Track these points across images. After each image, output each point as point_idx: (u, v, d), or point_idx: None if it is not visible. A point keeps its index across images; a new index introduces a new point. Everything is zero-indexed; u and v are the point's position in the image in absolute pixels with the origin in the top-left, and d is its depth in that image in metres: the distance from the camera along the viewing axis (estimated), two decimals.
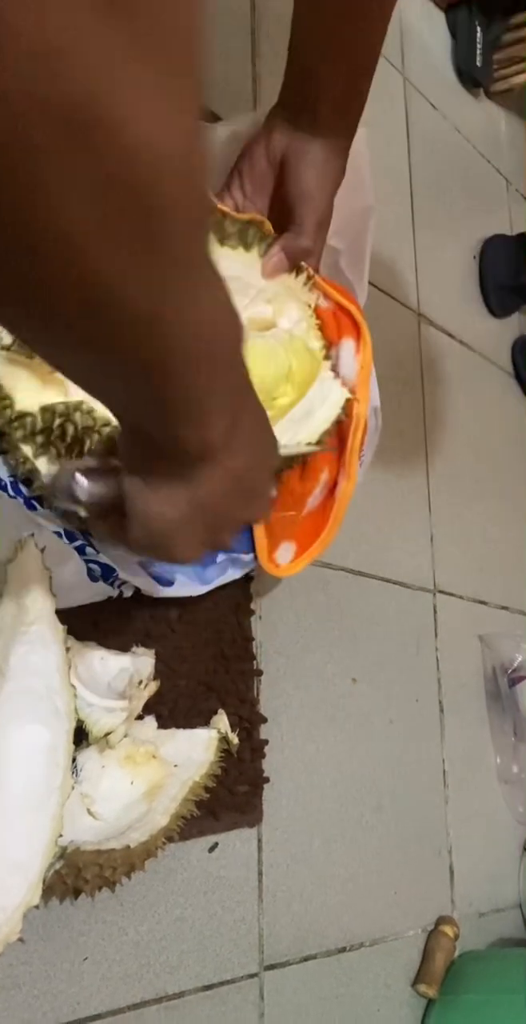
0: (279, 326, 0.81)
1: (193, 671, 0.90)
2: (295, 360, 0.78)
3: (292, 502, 0.88)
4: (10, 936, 0.60)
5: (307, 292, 0.84)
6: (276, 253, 0.81)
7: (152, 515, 0.49)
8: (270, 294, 0.81)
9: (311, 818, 1.04)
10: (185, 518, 0.50)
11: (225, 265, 0.73)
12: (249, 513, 0.56)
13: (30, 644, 0.67)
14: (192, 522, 0.50)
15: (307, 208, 0.81)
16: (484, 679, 1.41)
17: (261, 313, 0.81)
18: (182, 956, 0.86)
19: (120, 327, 0.34)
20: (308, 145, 0.81)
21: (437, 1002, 1.12)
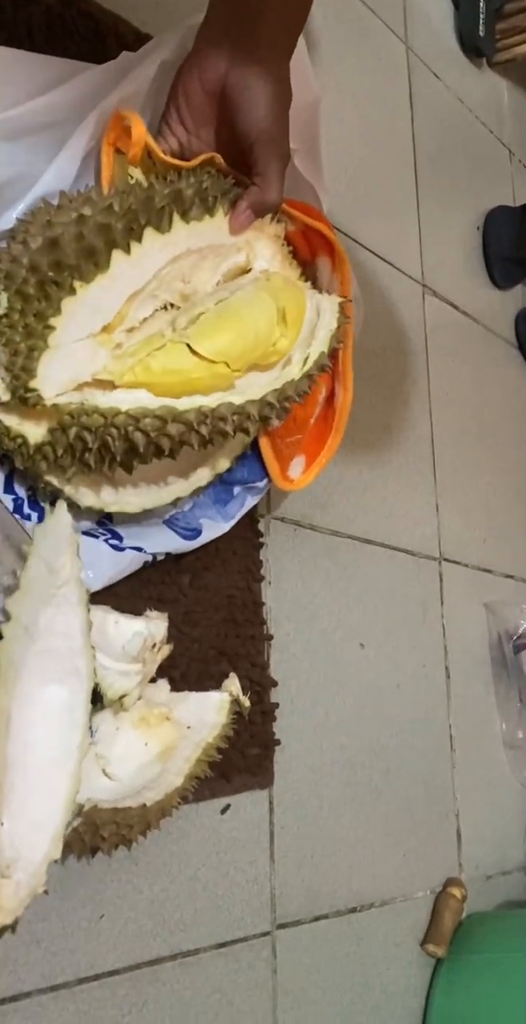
0: (255, 268, 0.79)
1: (205, 635, 0.92)
2: (282, 298, 0.77)
3: (296, 427, 0.90)
4: (37, 888, 0.62)
5: (275, 224, 0.82)
6: (243, 211, 0.76)
7: None
8: (241, 240, 0.78)
9: (321, 781, 1.05)
10: None
11: (193, 242, 0.72)
12: None
13: (58, 606, 0.68)
14: None
15: (267, 152, 0.74)
16: (489, 646, 1.42)
17: (235, 262, 0.78)
18: (196, 915, 0.87)
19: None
20: (250, 70, 0.72)
21: (445, 961, 1.14)
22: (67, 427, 0.65)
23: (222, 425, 0.68)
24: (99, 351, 0.68)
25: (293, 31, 0.75)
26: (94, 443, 0.65)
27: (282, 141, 0.75)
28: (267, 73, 0.72)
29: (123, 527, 0.78)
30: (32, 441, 0.66)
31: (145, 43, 0.96)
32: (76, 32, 0.93)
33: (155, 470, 0.75)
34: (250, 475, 0.86)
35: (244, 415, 0.69)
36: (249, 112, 0.73)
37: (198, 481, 0.79)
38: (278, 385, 0.71)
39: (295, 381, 0.73)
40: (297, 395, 0.73)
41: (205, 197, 0.74)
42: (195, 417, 0.66)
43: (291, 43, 0.75)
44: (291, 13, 0.73)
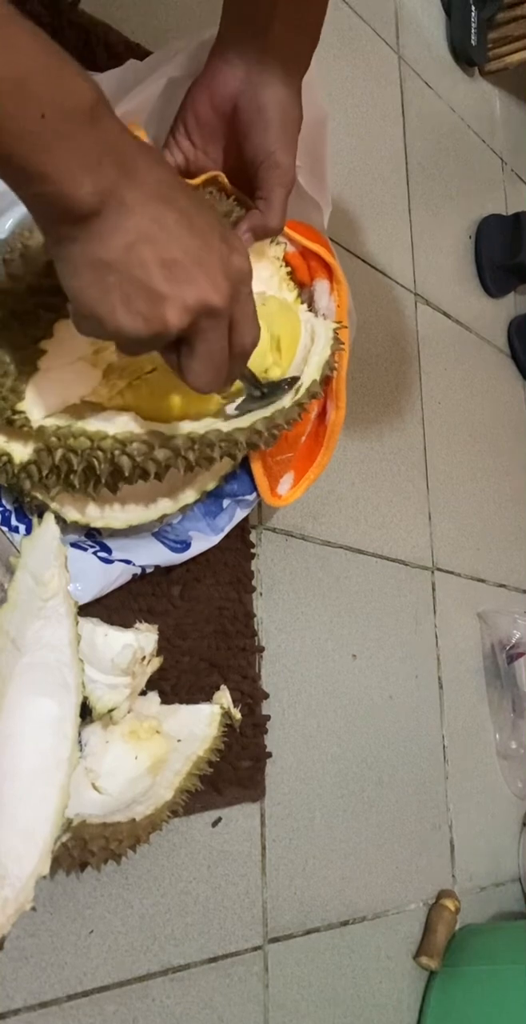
0: None
1: (195, 647, 0.91)
2: (276, 325, 0.76)
3: (287, 446, 0.89)
4: (24, 904, 0.61)
5: (275, 247, 0.82)
6: (242, 233, 0.75)
7: (68, 282, 0.52)
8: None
9: (313, 793, 1.05)
10: (93, 279, 0.51)
11: None
12: (183, 287, 0.52)
13: (46, 619, 0.67)
14: (102, 282, 0.51)
15: (273, 177, 0.74)
16: (482, 656, 1.42)
17: None
18: (187, 929, 0.87)
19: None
20: (263, 91, 0.73)
21: (439, 974, 1.14)
22: (53, 448, 0.64)
23: (209, 451, 0.67)
24: (90, 374, 0.67)
25: (306, 51, 0.75)
26: (79, 465, 0.65)
27: (289, 168, 0.75)
28: (280, 94, 0.73)
29: (111, 539, 0.78)
30: (17, 460, 0.66)
31: (135, 54, 0.96)
32: (66, 42, 0.92)
33: (141, 489, 0.75)
34: (240, 489, 0.85)
35: (232, 442, 0.68)
36: (260, 134, 0.73)
37: (185, 500, 0.79)
38: (268, 413, 0.71)
39: (285, 409, 0.72)
40: (286, 423, 0.73)
41: None
42: (183, 443, 0.66)
43: (304, 63, 0.75)
44: (304, 33, 0.74)
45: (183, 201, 0.53)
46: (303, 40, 0.75)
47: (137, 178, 0.50)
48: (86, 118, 0.46)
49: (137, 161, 0.50)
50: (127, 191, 0.49)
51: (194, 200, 0.55)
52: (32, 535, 0.68)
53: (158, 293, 0.51)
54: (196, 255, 0.53)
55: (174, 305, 0.52)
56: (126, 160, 0.49)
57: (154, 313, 0.52)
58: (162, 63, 0.83)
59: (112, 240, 0.49)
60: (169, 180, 0.53)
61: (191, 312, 0.53)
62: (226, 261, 0.55)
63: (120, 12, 1.01)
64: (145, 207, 0.50)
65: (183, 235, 0.52)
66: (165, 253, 0.51)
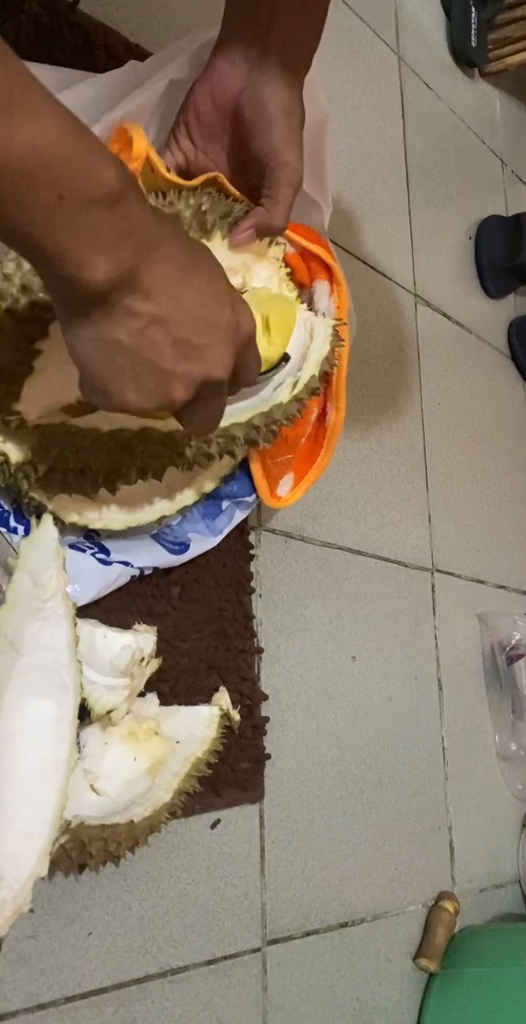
0: (250, 289, 0.79)
1: (194, 649, 0.91)
2: (265, 308, 0.76)
3: (287, 447, 0.89)
4: (22, 906, 0.61)
5: (275, 247, 0.82)
6: (246, 229, 0.76)
7: (79, 356, 0.52)
8: (237, 263, 0.78)
9: (312, 794, 1.04)
10: (104, 357, 0.51)
11: None
12: (191, 364, 0.54)
13: (44, 620, 0.68)
14: (113, 362, 0.51)
15: (280, 177, 0.75)
16: (482, 657, 1.42)
17: None
18: (186, 931, 0.87)
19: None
20: (265, 91, 0.73)
21: (438, 976, 1.13)
22: (49, 447, 0.64)
23: (206, 447, 0.67)
24: None
25: (307, 51, 0.75)
26: (76, 464, 0.65)
27: (297, 167, 0.75)
28: (282, 94, 0.73)
29: (110, 541, 0.78)
30: (14, 460, 0.66)
31: (134, 55, 0.96)
32: (65, 43, 0.93)
33: (139, 490, 0.75)
34: (239, 490, 0.85)
35: (229, 438, 0.68)
36: (265, 133, 0.74)
37: (183, 501, 0.79)
38: (265, 408, 0.71)
39: (283, 404, 0.72)
40: (285, 419, 0.73)
41: (203, 220, 0.74)
42: (179, 439, 0.66)
43: (306, 63, 0.75)
44: (305, 33, 0.74)
45: (198, 278, 0.54)
46: (305, 40, 0.75)
47: (156, 261, 0.50)
48: (106, 202, 0.46)
49: (159, 246, 0.50)
50: (144, 275, 0.49)
51: (208, 272, 0.55)
52: (31, 536, 0.68)
53: (168, 373, 0.53)
54: (206, 332, 0.54)
55: (182, 382, 0.54)
56: (146, 243, 0.49)
57: (162, 392, 0.53)
58: (163, 64, 0.83)
59: (125, 323, 0.50)
60: (186, 257, 0.53)
61: (195, 386, 0.55)
62: (234, 331, 0.57)
63: (119, 13, 1.01)
64: (161, 290, 0.51)
65: (195, 314, 0.53)
66: (177, 333, 0.52)
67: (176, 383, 0.54)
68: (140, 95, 0.80)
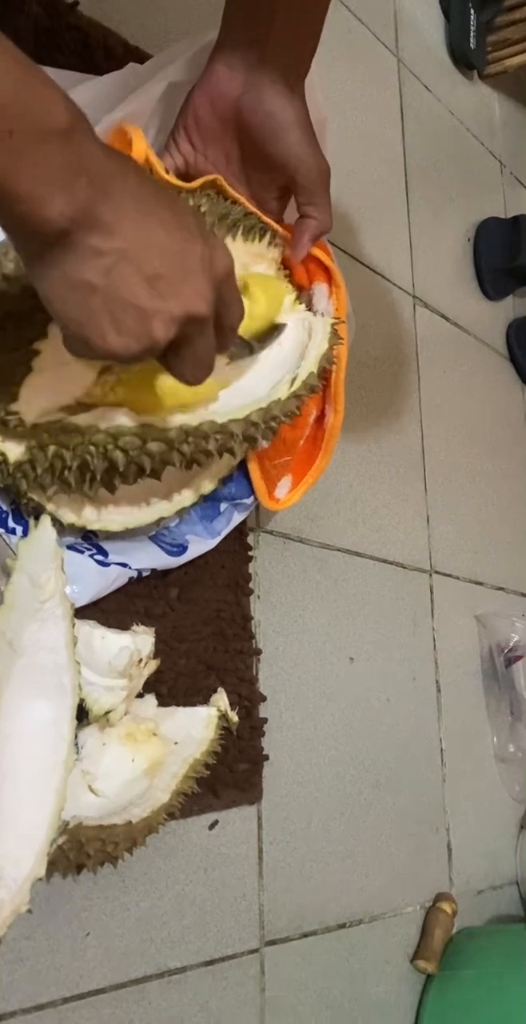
0: None
1: (192, 650, 0.91)
2: (243, 276, 0.76)
3: (285, 449, 0.89)
4: (20, 907, 0.61)
5: (273, 249, 0.82)
6: (306, 244, 0.78)
7: (51, 302, 0.51)
8: (244, 276, 0.78)
9: (310, 796, 1.04)
10: (77, 302, 0.50)
11: None
12: (168, 300, 0.52)
13: (42, 621, 0.67)
14: (87, 305, 0.50)
15: (314, 179, 0.76)
16: (480, 659, 1.42)
17: None
18: (183, 932, 0.87)
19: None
20: (267, 95, 0.74)
21: (436, 977, 1.13)
22: (45, 445, 0.64)
23: (205, 444, 0.67)
24: (84, 374, 0.67)
25: (306, 55, 0.75)
26: (73, 461, 0.64)
27: (325, 167, 0.77)
28: (287, 98, 0.73)
29: (108, 542, 0.78)
30: (12, 459, 0.66)
31: (134, 56, 0.97)
32: (64, 45, 0.93)
33: (138, 490, 0.75)
34: (237, 492, 0.85)
35: (228, 434, 0.68)
36: (281, 141, 0.74)
37: (182, 502, 0.79)
38: (264, 404, 0.70)
39: (282, 401, 0.72)
40: (284, 415, 0.73)
41: None
42: (176, 435, 0.66)
43: (304, 66, 0.75)
44: (304, 37, 0.74)
45: (162, 211, 0.53)
46: (303, 43, 0.75)
47: (113, 195, 0.49)
48: (57, 138, 0.45)
49: (113, 178, 0.49)
50: (104, 210, 0.48)
51: (173, 207, 0.54)
52: (29, 537, 0.68)
53: (145, 310, 0.51)
54: (179, 266, 0.53)
55: (161, 319, 0.52)
56: (101, 177, 0.48)
57: (143, 330, 0.52)
58: (163, 66, 0.84)
59: (92, 261, 0.49)
60: (145, 191, 0.52)
61: (178, 323, 0.53)
62: (209, 264, 0.55)
63: (119, 15, 1.01)
64: (124, 225, 0.50)
65: (164, 248, 0.52)
66: (148, 269, 0.51)
67: (155, 321, 0.52)
68: (140, 97, 0.80)
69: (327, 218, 0.78)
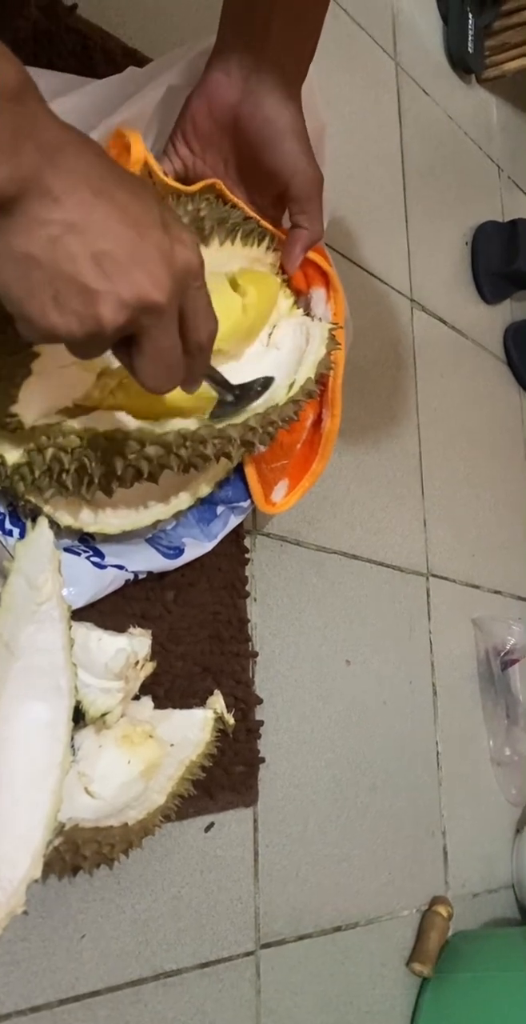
0: None
1: (189, 652, 0.91)
2: (233, 272, 0.76)
3: (282, 453, 0.89)
4: (16, 908, 0.61)
5: (271, 254, 0.82)
6: (298, 255, 0.78)
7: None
8: (234, 271, 0.77)
9: (306, 798, 1.05)
10: (18, 274, 0.47)
11: None
12: (117, 282, 0.49)
13: (39, 623, 0.67)
14: (28, 278, 0.47)
15: (309, 191, 0.76)
16: (477, 662, 1.42)
17: None
18: (179, 934, 0.87)
19: None
20: (265, 101, 0.73)
21: (431, 980, 1.13)
22: (43, 448, 0.64)
23: (202, 448, 0.67)
24: (83, 378, 0.67)
25: (303, 61, 0.75)
26: (71, 464, 0.65)
27: (318, 177, 0.76)
28: (284, 105, 0.73)
29: (105, 545, 0.78)
30: (10, 461, 0.66)
31: (133, 59, 0.97)
32: (63, 48, 0.93)
33: (135, 493, 0.75)
34: (234, 495, 0.85)
35: (225, 439, 0.68)
36: (277, 149, 0.74)
37: (178, 505, 0.79)
38: (261, 410, 0.71)
39: (279, 406, 0.72)
40: (281, 420, 0.72)
41: (201, 226, 0.74)
42: (174, 440, 0.66)
43: (302, 72, 0.75)
44: (301, 43, 0.74)
45: (117, 191, 0.49)
46: (301, 49, 0.75)
47: (64, 165, 0.46)
48: (4, 99, 0.43)
49: (65, 148, 0.47)
50: (52, 179, 0.46)
51: (131, 189, 0.51)
52: (26, 539, 0.68)
53: (89, 289, 0.48)
54: (131, 247, 0.49)
55: (108, 301, 0.48)
56: (52, 146, 0.46)
57: (87, 311, 0.48)
58: (162, 71, 0.84)
59: (36, 231, 0.46)
60: (102, 169, 0.49)
61: (128, 308, 0.49)
62: (168, 253, 0.51)
63: (118, 18, 1.02)
64: (72, 196, 0.47)
65: (116, 226, 0.49)
66: (95, 245, 0.48)
67: (101, 302, 0.48)
68: (139, 101, 0.80)
69: (319, 228, 0.78)
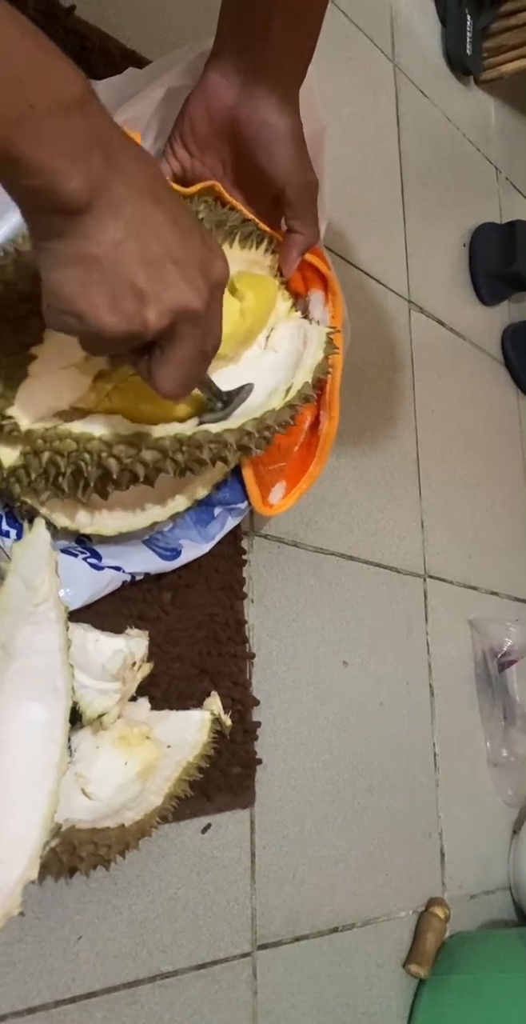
0: None
1: (186, 653, 0.91)
2: (241, 285, 0.76)
3: (279, 455, 0.90)
4: (12, 909, 0.61)
5: (270, 256, 0.82)
6: (295, 259, 0.79)
7: (51, 275, 0.50)
8: (233, 274, 0.76)
9: (303, 800, 1.04)
10: (77, 274, 0.49)
11: None
12: (165, 288, 0.52)
13: (36, 624, 0.67)
14: (86, 278, 0.49)
15: (304, 196, 0.77)
16: (474, 663, 1.42)
17: None
18: (176, 935, 0.87)
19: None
20: (263, 105, 0.73)
21: (428, 982, 1.13)
22: (40, 451, 0.64)
23: (199, 453, 0.67)
24: (80, 380, 0.67)
25: (301, 64, 0.75)
26: (67, 468, 0.65)
27: (314, 182, 0.77)
28: (282, 109, 0.73)
29: (102, 546, 0.78)
30: (6, 464, 0.66)
31: (131, 61, 0.97)
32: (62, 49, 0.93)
33: (132, 495, 0.75)
34: (231, 497, 0.86)
35: (222, 443, 0.68)
36: (273, 152, 0.74)
37: (175, 507, 0.79)
38: (258, 414, 0.70)
39: (276, 411, 0.72)
40: (278, 425, 0.73)
41: None
42: (170, 444, 0.66)
43: (300, 75, 0.75)
44: (299, 47, 0.74)
45: (168, 201, 0.52)
46: (299, 52, 0.75)
47: (126, 172, 0.49)
48: (74, 109, 0.45)
49: (126, 154, 0.49)
50: (116, 185, 0.48)
51: (176, 198, 0.54)
52: (23, 540, 0.68)
53: (142, 292, 0.50)
54: (179, 257, 0.52)
55: (156, 306, 0.51)
56: (115, 153, 0.48)
57: (136, 313, 0.51)
58: (162, 72, 0.84)
59: (100, 236, 0.48)
60: (155, 177, 0.52)
61: (171, 314, 0.52)
62: (206, 265, 0.54)
63: (116, 19, 1.02)
64: (133, 203, 0.49)
65: (167, 235, 0.51)
66: (150, 252, 0.50)
67: (151, 306, 0.51)
68: (138, 103, 0.80)
69: (314, 232, 0.78)
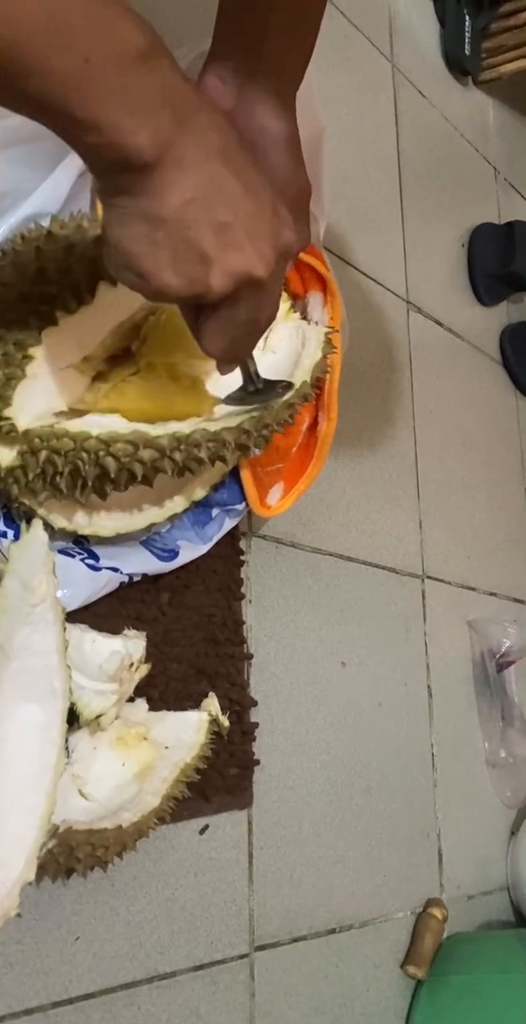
0: None
1: (184, 654, 0.91)
2: None
3: (278, 457, 0.89)
4: (9, 911, 0.61)
5: None
6: None
7: (115, 232, 0.50)
8: None
9: (301, 800, 1.04)
10: (142, 233, 0.49)
11: None
12: (232, 253, 0.51)
13: (33, 625, 0.67)
14: (151, 237, 0.49)
15: (297, 201, 0.74)
16: (472, 664, 1.42)
17: None
18: (173, 936, 0.87)
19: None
20: (260, 109, 0.71)
21: (426, 983, 1.13)
22: (37, 450, 0.64)
23: (197, 452, 0.67)
24: (78, 381, 0.67)
25: (299, 67, 0.74)
26: (64, 467, 0.64)
27: (306, 184, 0.75)
28: (279, 114, 0.71)
29: (99, 547, 0.78)
30: (3, 464, 0.65)
31: None
32: None
33: (129, 496, 0.74)
34: (229, 498, 0.86)
35: (220, 442, 0.67)
36: (269, 157, 0.72)
37: (173, 508, 0.79)
38: (256, 413, 0.70)
39: (274, 410, 0.72)
40: (277, 424, 0.72)
41: None
42: (168, 443, 0.65)
43: (298, 78, 0.74)
44: (297, 48, 0.72)
45: (242, 164, 0.51)
46: (296, 56, 0.73)
47: (197, 133, 0.48)
48: (136, 64, 0.44)
49: (198, 115, 0.48)
50: (186, 146, 0.47)
51: (252, 164, 0.53)
52: (20, 541, 0.68)
53: (207, 256, 0.50)
54: (249, 222, 0.51)
55: (220, 270, 0.51)
56: (186, 112, 0.47)
57: (199, 275, 0.50)
58: None
59: (169, 196, 0.47)
60: (229, 139, 0.51)
61: (234, 279, 0.51)
62: (276, 232, 0.54)
63: None
64: (204, 165, 0.48)
65: (239, 199, 0.50)
66: (219, 216, 0.50)
67: (216, 269, 0.50)
68: None
69: (306, 238, 0.76)
